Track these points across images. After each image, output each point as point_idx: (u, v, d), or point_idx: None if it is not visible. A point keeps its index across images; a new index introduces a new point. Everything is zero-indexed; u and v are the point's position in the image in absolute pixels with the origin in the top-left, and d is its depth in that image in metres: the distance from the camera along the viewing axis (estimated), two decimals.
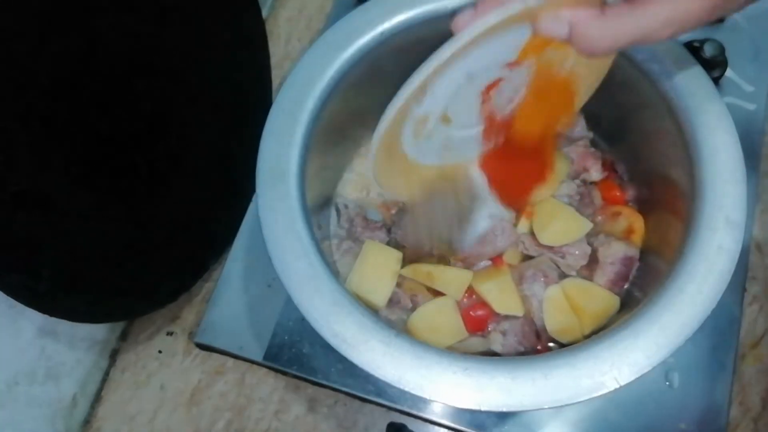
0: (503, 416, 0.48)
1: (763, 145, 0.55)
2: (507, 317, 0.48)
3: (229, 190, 0.56)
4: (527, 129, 0.45)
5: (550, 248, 0.49)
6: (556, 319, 0.47)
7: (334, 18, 0.64)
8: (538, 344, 0.47)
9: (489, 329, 0.48)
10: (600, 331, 0.44)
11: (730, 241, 0.40)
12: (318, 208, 0.50)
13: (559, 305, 0.47)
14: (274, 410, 0.52)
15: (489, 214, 0.50)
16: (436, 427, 0.50)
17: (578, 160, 0.52)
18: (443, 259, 0.50)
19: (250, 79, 0.58)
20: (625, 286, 0.48)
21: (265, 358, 0.52)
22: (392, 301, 0.48)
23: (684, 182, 0.43)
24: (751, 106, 0.56)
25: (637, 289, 0.47)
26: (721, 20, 0.59)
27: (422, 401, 0.49)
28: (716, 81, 0.56)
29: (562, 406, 0.37)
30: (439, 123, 0.39)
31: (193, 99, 0.51)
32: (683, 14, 0.31)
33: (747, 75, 0.57)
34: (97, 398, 0.55)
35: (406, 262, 0.49)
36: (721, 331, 0.50)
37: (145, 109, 0.47)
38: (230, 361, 0.54)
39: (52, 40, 0.39)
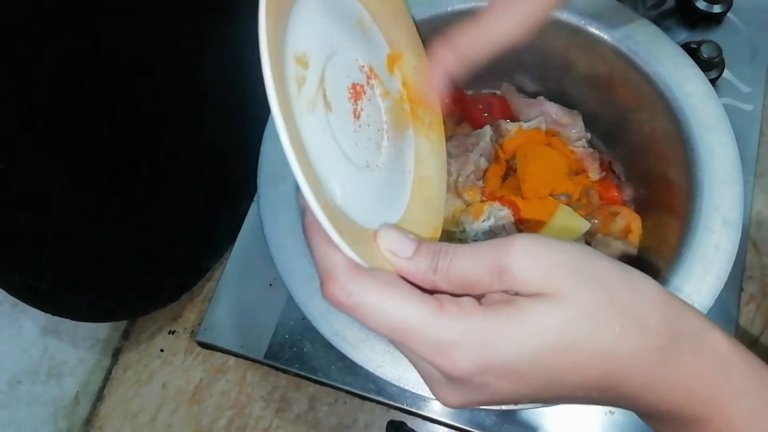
0: (502, 415, 0.49)
1: (760, 146, 0.56)
2: None
3: (231, 191, 0.57)
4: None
5: None
6: None
7: None
8: None
9: None
10: None
11: (727, 241, 0.40)
12: None
13: None
14: (275, 408, 0.53)
15: (489, 213, 0.50)
16: (436, 425, 0.50)
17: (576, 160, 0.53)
18: None
19: (251, 80, 0.58)
20: None
21: (266, 356, 0.52)
22: None
23: (681, 182, 0.43)
24: (748, 107, 0.57)
25: None
26: (718, 21, 0.60)
27: (422, 399, 0.49)
28: (713, 82, 0.56)
29: (561, 405, 0.37)
30: (319, 95, 0.28)
31: (194, 99, 0.52)
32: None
33: (744, 76, 0.58)
34: (100, 397, 0.55)
35: None
36: None
37: (146, 110, 0.48)
38: (232, 360, 0.54)
39: (53, 40, 0.39)
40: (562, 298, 0.23)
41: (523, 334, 0.23)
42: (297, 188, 0.23)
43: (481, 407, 0.36)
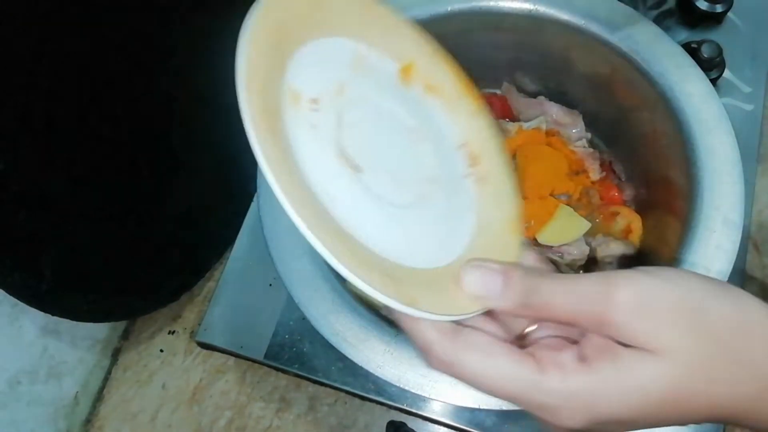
0: (502, 415, 0.48)
1: (761, 146, 0.55)
2: None
3: (231, 190, 0.57)
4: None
5: (549, 248, 0.49)
6: None
7: None
8: None
9: None
10: None
11: (727, 241, 0.40)
12: None
13: None
14: (275, 408, 0.53)
15: None
16: (436, 426, 0.50)
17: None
18: None
19: None
20: None
21: (266, 356, 0.52)
22: None
23: (682, 182, 0.43)
24: (749, 107, 0.56)
25: None
26: (718, 21, 0.60)
27: (422, 400, 0.49)
28: (714, 82, 0.56)
29: None
30: (342, 161, 0.27)
31: (194, 99, 0.51)
32: None
33: (744, 76, 0.57)
34: (99, 397, 0.55)
35: None
36: None
37: (146, 109, 0.48)
38: (231, 360, 0.54)
39: (53, 40, 0.39)
40: (672, 356, 0.22)
41: (630, 394, 0.23)
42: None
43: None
